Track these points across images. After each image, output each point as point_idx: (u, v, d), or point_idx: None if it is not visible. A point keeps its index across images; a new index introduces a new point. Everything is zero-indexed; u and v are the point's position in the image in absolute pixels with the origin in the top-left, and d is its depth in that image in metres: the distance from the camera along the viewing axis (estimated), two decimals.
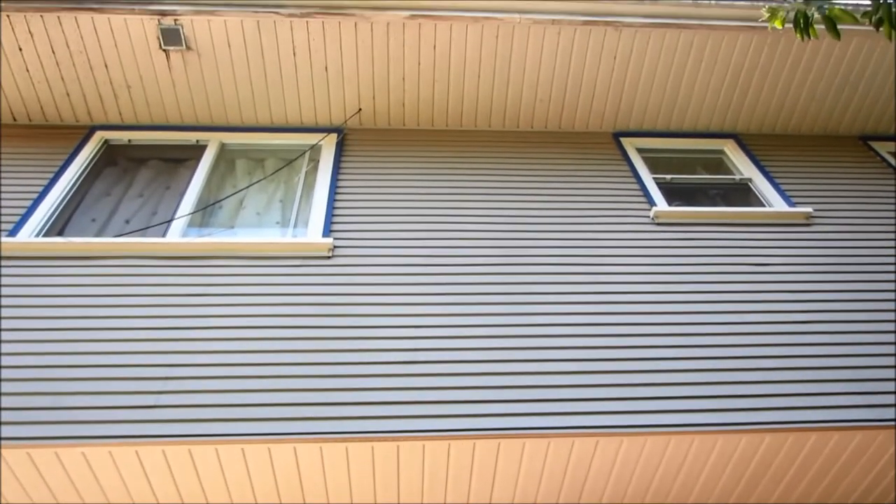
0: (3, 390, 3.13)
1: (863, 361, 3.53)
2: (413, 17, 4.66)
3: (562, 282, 3.95)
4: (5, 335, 3.38)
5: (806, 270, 4.11)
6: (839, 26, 3.11)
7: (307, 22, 4.66)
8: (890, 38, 2.92)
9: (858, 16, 3.03)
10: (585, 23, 4.77)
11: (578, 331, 3.64)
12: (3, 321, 3.45)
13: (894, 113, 5.49)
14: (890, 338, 3.68)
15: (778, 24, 3.24)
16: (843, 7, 3.07)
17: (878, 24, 2.95)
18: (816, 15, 3.06)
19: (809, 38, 3.09)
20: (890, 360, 3.55)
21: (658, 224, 4.42)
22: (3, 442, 2.96)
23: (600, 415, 3.22)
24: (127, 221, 4.36)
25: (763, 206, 4.77)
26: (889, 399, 3.35)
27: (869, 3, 3.01)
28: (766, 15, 3.31)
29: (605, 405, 3.26)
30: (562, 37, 4.86)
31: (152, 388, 3.19)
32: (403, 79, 4.99)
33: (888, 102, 5.44)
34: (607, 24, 4.78)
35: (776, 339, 3.64)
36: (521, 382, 3.34)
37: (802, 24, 3.07)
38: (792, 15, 3.11)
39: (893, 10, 2.83)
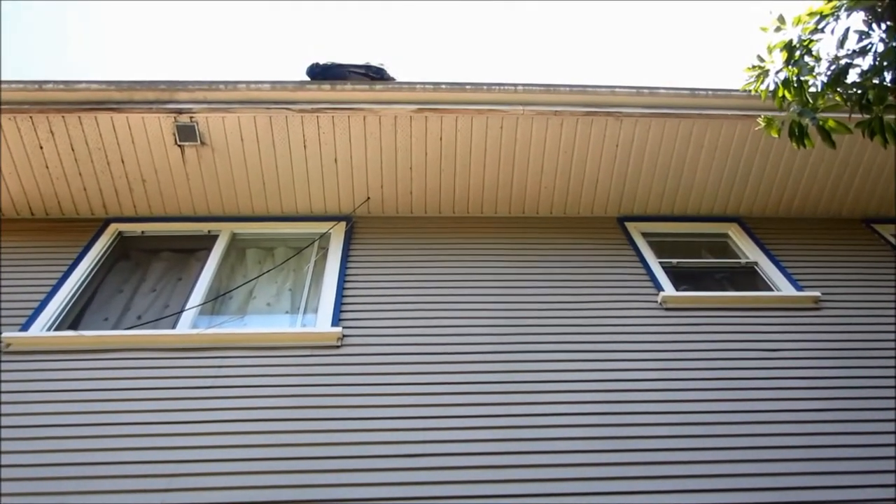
0: (4, 490, 3.07)
1: (879, 452, 3.44)
2: (420, 110, 4.83)
3: (571, 369, 3.91)
4: (6, 433, 3.35)
5: (818, 356, 4.07)
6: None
7: (317, 117, 4.83)
8: (885, 147, 2.99)
9: (852, 126, 3.11)
10: (587, 113, 4.93)
11: (588, 420, 3.58)
12: (9, 418, 3.42)
13: None
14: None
15: (774, 133, 3.35)
16: (836, 118, 3.14)
17: (871, 135, 3.02)
18: (811, 125, 3.15)
19: (805, 146, 3.17)
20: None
21: (666, 309, 4.41)
22: None
23: None
24: (139, 317, 4.39)
25: (770, 289, 4.76)
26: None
27: (858, 111, 3.09)
28: (763, 124, 3.41)
29: (622, 499, 3.17)
30: (564, 127, 5.01)
31: (158, 486, 3.13)
32: (411, 168, 5.13)
33: (889, 185, 5.51)
34: (608, 114, 4.95)
35: (789, 429, 3.56)
36: (532, 476, 3.26)
37: (798, 134, 3.16)
38: (787, 126, 3.20)
39: (885, 119, 2.91)
